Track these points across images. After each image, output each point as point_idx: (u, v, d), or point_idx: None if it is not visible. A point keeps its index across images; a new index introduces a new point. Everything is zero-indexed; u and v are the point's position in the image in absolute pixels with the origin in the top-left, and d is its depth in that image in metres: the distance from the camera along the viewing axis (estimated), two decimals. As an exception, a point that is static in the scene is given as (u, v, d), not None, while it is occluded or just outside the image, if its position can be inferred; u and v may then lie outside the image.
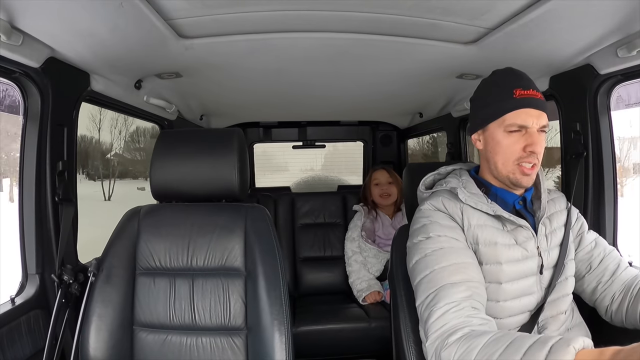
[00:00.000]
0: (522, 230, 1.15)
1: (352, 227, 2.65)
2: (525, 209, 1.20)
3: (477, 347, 0.89)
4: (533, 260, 1.14)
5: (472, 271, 1.07)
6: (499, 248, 1.11)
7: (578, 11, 1.12)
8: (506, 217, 1.13)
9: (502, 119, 1.12)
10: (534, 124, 1.10)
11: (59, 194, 1.36)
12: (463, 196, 1.14)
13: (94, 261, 1.32)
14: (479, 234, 1.12)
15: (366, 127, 3.50)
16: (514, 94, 1.10)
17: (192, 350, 1.29)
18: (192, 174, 1.37)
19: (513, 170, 1.12)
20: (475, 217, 1.14)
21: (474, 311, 0.99)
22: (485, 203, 1.15)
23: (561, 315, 1.16)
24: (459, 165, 1.31)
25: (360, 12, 1.26)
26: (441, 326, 0.98)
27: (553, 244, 1.19)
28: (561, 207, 1.26)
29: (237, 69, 1.75)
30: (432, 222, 1.14)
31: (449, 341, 0.94)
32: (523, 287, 1.13)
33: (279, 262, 1.31)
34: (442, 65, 1.71)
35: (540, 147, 1.11)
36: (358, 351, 2.29)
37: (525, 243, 1.14)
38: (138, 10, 1.11)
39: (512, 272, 1.12)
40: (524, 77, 1.15)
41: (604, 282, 1.20)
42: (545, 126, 1.12)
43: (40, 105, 1.31)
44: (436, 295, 1.02)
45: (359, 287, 2.45)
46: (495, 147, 1.14)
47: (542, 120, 1.11)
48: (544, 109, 1.11)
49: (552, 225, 1.21)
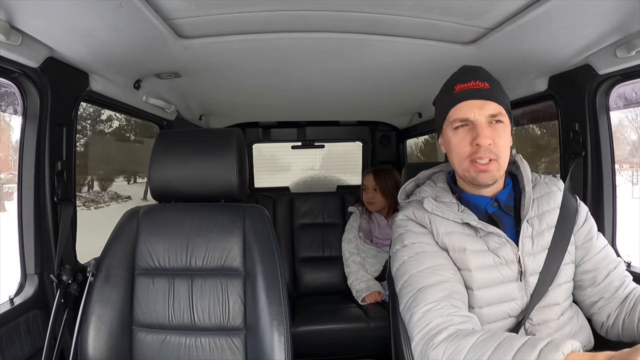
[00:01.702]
0: (494, 237, 1.09)
1: (348, 229, 2.64)
2: (502, 210, 1.14)
3: (466, 348, 0.88)
4: (510, 267, 1.09)
5: (448, 272, 1.07)
6: (467, 254, 1.08)
7: (577, 11, 1.13)
8: (474, 225, 1.09)
9: (448, 117, 1.10)
10: (476, 115, 1.05)
11: (58, 194, 1.36)
12: (430, 206, 1.13)
13: (92, 261, 1.32)
14: (447, 241, 1.11)
15: (365, 127, 3.50)
16: (454, 90, 1.09)
17: (191, 351, 1.29)
18: (191, 174, 1.37)
19: (468, 168, 1.08)
20: (443, 226, 1.12)
21: (454, 309, 1.00)
22: (454, 211, 1.12)
23: (552, 322, 1.10)
24: (439, 168, 1.28)
25: (359, 12, 1.26)
26: (424, 325, 0.98)
27: (541, 247, 1.11)
28: (557, 205, 1.15)
29: (236, 69, 1.75)
30: (406, 230, 1.15)
31: (435, 341, 0.94)
32: (499, 293, 1.08)
33: (277, 262, 1.31)
34: (441, 66, 1.70)
35: (488, 139, 1.04)
36: (357, 351, 2.29)
37: (498, 249, 1.09)
38: (137, 10, 1.10)
39: (484, 278, 1.08)
40: (468, 71, 1.12)
41: (605, 298, 1.12)
42: (494, 115, 1.06)
43: (39, 105, 1.31)
44: (415, 297, 1.04)
45: (358, 288, 2.45)
46: (449, 147, 1.12)
47: (488, 109, 1.06)
48: (490, 98, 1.06)
49: (541, 226, 1.12)
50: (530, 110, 2.07)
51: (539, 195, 1.16)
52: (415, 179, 1.28)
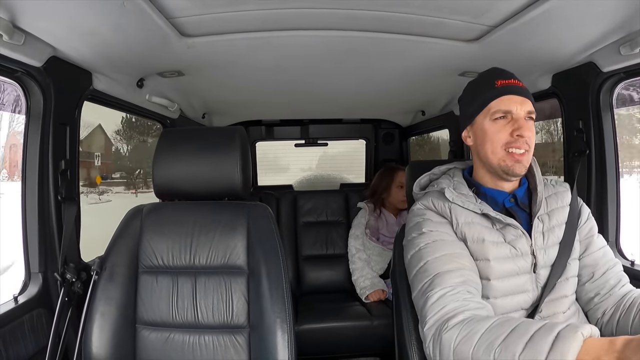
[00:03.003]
0: (511, 229, 1.14)
1: (355, 225, 2.64)
2: (518, 206, 1.19)
3: (480, 331, 0.89)
4: (525, 259, 1.13)
5: (464, 260, 1.10)
6: (486, 245, 1.12)
7: (580, 9, 1.12)
8: (492, 215, 1.13)
9: (487, 108, 1.15)
10: (518, 110, 1.12)
11: (62, 192, 1.37)
12: (450, 195, 1.17)
13: (96, 260, 1.33)
14: (466, 231, 1.14)
15: (368, 125, 3.50)
16: (496, 84, 1.15)
17: (195, 349, 1.29)
18: (195, 173, 1.37)
19: (503, 158, 1.13)
20: (463, 215, 1.15)
21: (469, 295, 1.02)
22: (473, 202, 1.16)
23: (560, 315, 1.14)
24: (453, 165, 1.32)
25: (365, 10, 1.25)
26: (440, 309, 0.99)
27: (551, 242, 1.16)
28: (565, 203, 1.22)
29: (240, 67, 1.75)
30: (424, 219, 1.18)
31: (450, 324, 0.95)
32: (514, 285, 1.12)
33: (281, 260, 1.31)
34: (444, 63, 1.70)
35: (528, 131, 1.11)
36: (360, 349, 2.29)
37: (514, 241, 1.13)
38: (140, 9, 1.11)
39: (501, 269, 1.11)
40: (505, 71, 1.19)
41: (601, 294, 1.17)
42: (531, 112, 1.13)
43: (43, 104, 1.31)
44: (432, 282, 1.05)
45: (362, 285, 2.45)
46: (483, 137, 1.16)
47: (527, 106, 1.13)
48: (527, 97, 1.14)
49: (551, 222, 1.18)
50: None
51: (548, 195, 1.21)
52: (430, 173, 1.32)
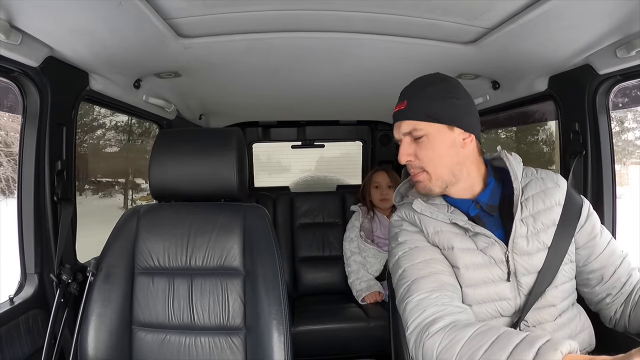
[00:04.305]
0: (482, 237, 1.10)
1: (350, 228, 2.64)
2: (485, 212, 1.14)
3: (462, 340, 0.89)
4: (500, 266, 1.09)
5: (439, 265, 1.10)
6: (455, 252, 1.10)
7: (577, 11, 1.13)
8: (461, 225, 1.12)
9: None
10: (400, 135, 1.14)
11: (58, 193, 1.36)
12: (419, 207, 1.16)
13: (92, 261, 1.32)
14: (436, 239, 1.13)
15: (365, 126, 3.50)
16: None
17: (191, 350, 1.29)
18: (191, 174, 1.37)
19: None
20: (432, 225, 1.14)
21: (447, 299, 1.02)
22: (443, 212, 1.15)
23: (548, 324, 1.09)
24: None
25: (360, 11, 1.26)
26: (419, 314, 1.00)
27: (537, 247, 1.09)
28: (555, 202, 1.13)
29: (236, 68, 1.75)
30: (400, 230, 1.19)
31: (431, 330, 0.94)
32: (489, 293, 1.09)
33: (277, 261, 1.31)
34: (441, 65, 1.70)
35: (404, 156, 1.12)
36: (357, 351, 2.29)
37: (486, 249, 1.10)
38: (137, 9, 1.10)
39: (472, 277, 1.09)
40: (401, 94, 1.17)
41: (613, 295, 1.12)
42: (409, 132, 1.12)
43: (39, 105, 1.31)
44: (409, 288, 1.06)
45: (359, 288, 2.45)
46: None
47: (403, 128, 1.12)
48: (402, 118, 1.12)
49: (536, 225, 1.10)
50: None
51: (534, 192, 1.14)
52: (408, 179, 1.28)
